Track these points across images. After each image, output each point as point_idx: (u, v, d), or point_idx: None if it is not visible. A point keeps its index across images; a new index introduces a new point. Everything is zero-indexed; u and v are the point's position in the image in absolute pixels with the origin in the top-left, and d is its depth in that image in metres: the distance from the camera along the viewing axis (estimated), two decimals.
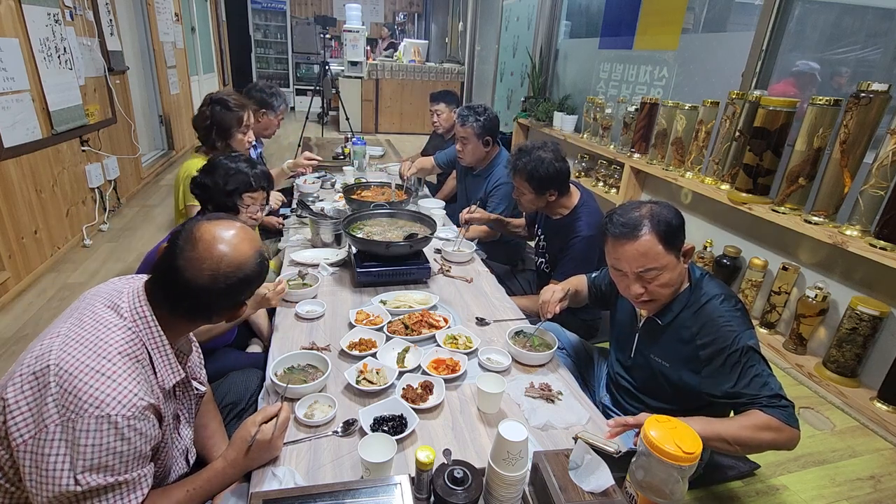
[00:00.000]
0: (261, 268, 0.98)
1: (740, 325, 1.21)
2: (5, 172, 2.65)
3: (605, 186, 3.82)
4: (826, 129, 2.19)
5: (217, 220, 0.98)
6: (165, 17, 5.51)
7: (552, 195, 1.91)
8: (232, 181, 1.54)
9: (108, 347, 0.85)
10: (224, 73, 8.59)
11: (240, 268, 0.93)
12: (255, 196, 1.60)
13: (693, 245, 1.26)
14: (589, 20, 4.66)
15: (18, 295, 2.74)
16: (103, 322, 0.89)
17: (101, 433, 0.79)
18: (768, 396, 1.14)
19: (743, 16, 3.04)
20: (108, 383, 0.82)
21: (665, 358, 1.33)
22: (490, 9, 7.12)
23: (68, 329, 0.88)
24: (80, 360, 0.82)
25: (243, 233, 0.97)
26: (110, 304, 0.92)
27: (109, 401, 0.80)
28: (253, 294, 1.03)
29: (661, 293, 1.25)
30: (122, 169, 4.13)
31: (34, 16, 2.92)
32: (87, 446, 0.79)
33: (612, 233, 1.24)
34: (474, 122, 2.50)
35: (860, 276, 2.20)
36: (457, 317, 1.66)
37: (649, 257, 1.20)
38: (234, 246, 0.93)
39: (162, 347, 0.93)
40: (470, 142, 2.55)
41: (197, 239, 0.92)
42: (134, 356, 0.88)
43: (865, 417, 2.01)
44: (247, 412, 1.39)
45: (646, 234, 1.19)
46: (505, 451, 0.91)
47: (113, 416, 0.80)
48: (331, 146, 4.09)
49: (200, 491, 0.98)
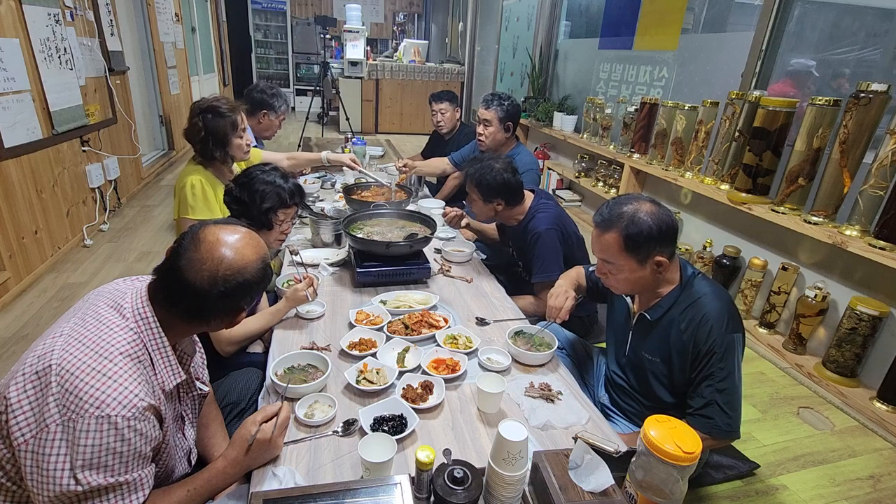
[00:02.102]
0: (262, 274, 0.98)
1: (721, 327, 1.23)
2: (6, 172, 2.65)
3: (605, 186, 3.82)
4: (825, 130, 2.19)
5: (224, 224, 0.98)
6: (166, 18, 5.51)
7: (499, 204, 1.95)
8: (269, 199, 1.56)
9: (109, 348, 0.85)
10: (224, 74, 8.60)
11: (240, 272, 0.93)
12: (288, 212, 1.62)
13: (665, 260, 1.27)
14: (589, 20, 4.66)
15: (19, 295, 2.74)
16: (106, 322, 0.89)
17: (101, 433, 0.80)
18: (701, 406, 1.25)
19: (742, 16, 3.04)
20: (109, 384, 0.82)
21: (654, 354, 1.36)
22: (490, 9, 7.12)
23: (71, 328, 0.88)
24: (81, 360, 0.83)
25: (248, 238, 0.97)
26: (113, 305, 0.92)
27: (110, 401, 0.81)
28: (252, 300, 1.02)
29: (617, 286, 1.37)
30: (122, 169, 4.14)
31: (34, 16, 2.92)
32: (88, 446, 0.79)
33: (594, 218, 1.35)
34: (498, 107, 2.58)
35: (860, 276, 2.20)
36: (457, 317, 1.66)
37: (608, 253, 1.30)
38: (236, 250, 0.94)
39: (163, 349, 0.93)
40: (492, 124, 2.62)
41: (200, 240, 0.92)
42: (135, 357, 0.88)
43: (865, 417, 2.02)
44: (247, 412, 1.39)
45: (613, 233, 1.27)
46: (505, 450, 0.91)
47: (113, 417, 0.80)
48: (331, 146, 4.10)
49: (201, 490, 0.98)
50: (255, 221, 1.56)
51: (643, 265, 1.28)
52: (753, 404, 2.10)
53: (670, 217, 1.27)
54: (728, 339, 1.23)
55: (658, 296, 1.35)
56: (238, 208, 1.59)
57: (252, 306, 1.05)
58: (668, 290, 1.33)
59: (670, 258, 1.29)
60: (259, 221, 1.57)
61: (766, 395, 2.16)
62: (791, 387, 2.22)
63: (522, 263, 2.08)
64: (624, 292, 1.43)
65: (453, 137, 3.34)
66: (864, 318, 2.03)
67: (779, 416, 2.04)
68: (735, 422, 1.24)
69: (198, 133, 1.92)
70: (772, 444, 1.88)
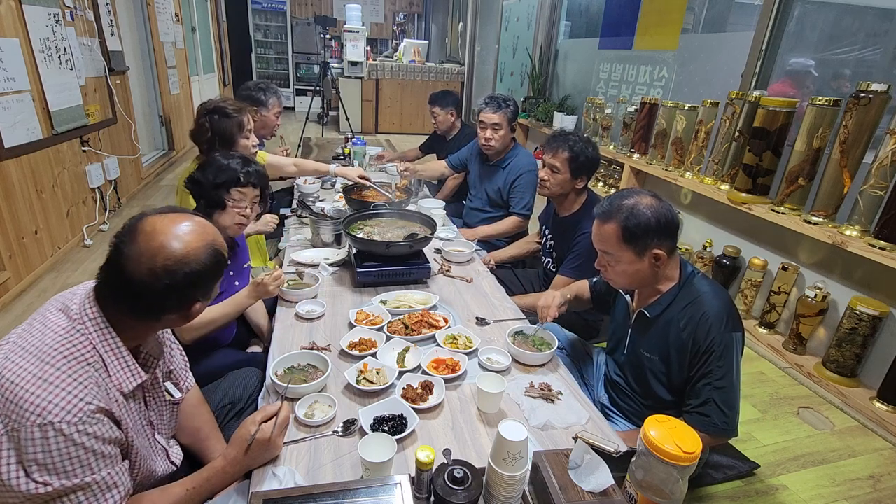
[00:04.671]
0: (212, 261, 0.91)
1: (720, 325, 1.23)
2: (6, 172, 2.65)
3: (605, 186, 3.83)
4: (825, 130, 2.19)
5: (166, 212, 0.91)
6: (166, 18, 5.51)
7: (581, 182, 1.98)
8: (221, 175, 1.54)
9: (51, 352, 0.82)
10: (224, 74, 8.60)
11: (182, 262, 0.86)
12: (243, 191, 1.57)
13: (664, 254, 1.27)
14: (589, 20, 4.67)
15: (19, 295, 2.74)
16: (50, 326, 0.85)
17: (48, 441, 0.77)
18: (699, 404, 1.26)
19: (742, 16, 3.04)
20: (51, 389, 0.78)
21: (653, 352, 1.36)
22: (490, 9, 7.12)
23: (18, 336, 0.86)
24: (21, 367, 0.80)
25: (191, 225, 0.90)
26: (62, 307, 0.88)
27: (52, 408, 0.77)
28: (208, 290, 0.95)
29: (615, 279, 1.37)
30: (122, 169, 4.13)
31: (34, 16, 2.92)
32: (37, 454, 0.77)
33: (595, 210, 1.37)
34: (507, 108, 2.60)
35: (860, 276, 2.20)
36: (457, 317, 1.66)
37: (607, 244, 1.32)
38: (176, 237, 0.86)
39: (115, 350, 0.89)
40: (503, 127, 2.63)
41: (138, 232, 0.86)
42: (82, 359, 0.84)
43: (865, 417, 2.02)
44: (246, 411, 1.39)
45: (612, 223, 1.29)
46: (505, 450, 0.91)
47: (56, 424, 0.77)
48: (331, 146, 4.09)
49: (200, 490, 0.97)
50: (209, 202, 1.54)
51: (641, 257, 1.28)
52: (753, 404, 2.10)
53: (670, 211, 1.28)
54: (727, 338, 1.23)
55: (657, 293, 1.35)
56: (194, 188, 1.56)
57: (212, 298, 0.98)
58: (667, 288, 1.34)
59: (669, 253, 1.29)
60: (212, 200, 1.54)
61: (766, 395, 2.16)
62: (791, 387, 2.22)
63: (556, 254, 2.12)
64: (622, 286, 1.43)
65: (454, 137, 3.34)
66: (864, 318, 2.03)
67: (779, 416, 2.04)
68: (732, 420, 1.24)
69: (204, 133, 1.95)
70: (772, 444, 1.88)
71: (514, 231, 2.62)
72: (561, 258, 2.08)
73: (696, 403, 1.26)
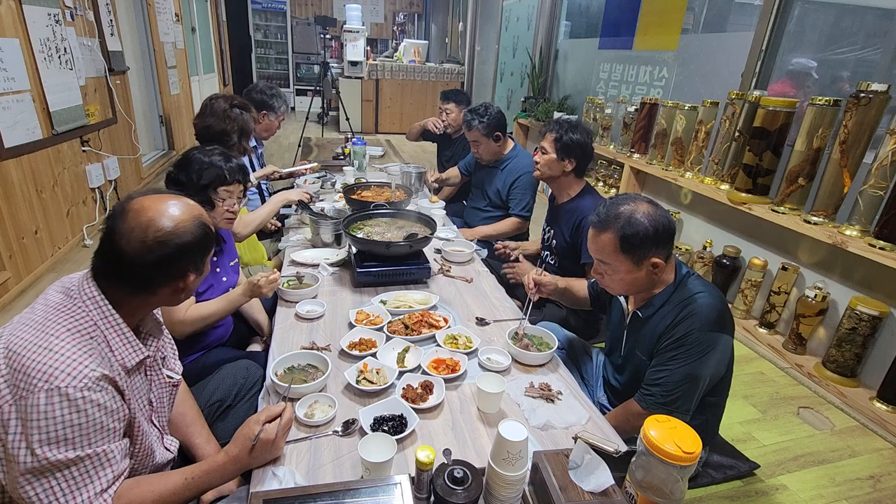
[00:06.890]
0: (200, 233, 0.95)
1: (705, 323, 1.22)
2: (6, 172, 2.65)
3: (605, 186, 3.83)
4: (825, 130, 2.19)
5: (153, 192, 0.96)
6: (166, 18, 5.51)
7: (569, 164, 2.01)
8: (206, 175, 1.53)
9: (55, 325, 0.85)
10: (224, 74, 8.60)
11: (172, 234, 0.91)
12: (230, 189, 1.58)
13: (661, 262, 1.27)
14: (589, 20, 4.67)
15: (19, 295, 2.74)
16: (52, 305, 0.89)
17: (54, 406, 0.79)
18: (647, 385, 1.30)
19: (742, 16, 3.04)
20: (57, 357, 0.81)
21: (644, 352, 1.36)
22: (490, 9, 7.12)
23: (20, 316, 0.89)
24: (27, 339, 0.83)
25: (177, 202, 0.96)
26: (62, 290, 0.93)
27: (58, 374, 0.80)
28: (199, 263, 0.99)
29: (612, 287, 1.37)
30: (122, 169, 4.13)
31: (34, 16, 2.92)
32: (41, 420, 0.78)
33: (591, 219, 1.36)
34: (479, 124, 2.58)
35: (860, 276, 2.20)
36: (457, 317, 1.66)
37: (604, 253, 1.30)
38: (163, 213, 0.91)
39: (116, 326, 0.92)
40: (481, 142, 2.64)
41: (128, 210, 0.91)
42: (85, 333, 0.87)
43: (865, 417, 2.02)
44: (233, 408, 1.39)
45: (609, 233, 1.27)
46: (505, 450, 0.91)
47: (63, 388, 0.79)
48: (331, 146, 4.09)
49: (198, 481, 0.98)
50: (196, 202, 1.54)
51: (639, 266, 1.28)
52: (753, 404, 2.10)
53: (667, 218, 1.27)
54: (706, 337, 1.22)
55: (652, 294, 1.35)
56: (176, 189, 1.55)
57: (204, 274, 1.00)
58: (661, 289, 1.33)
59: (666, 260, 1.29)
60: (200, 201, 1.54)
61: (766, 395, 2.16)
62: (791, 387, 2.22)
63: (556, 244, 2.13)
64: (619, 293, 1.43)
65: (460, 137, 3.34)
66: (864, 318, 2.03)
67: (779, 416, 2.04)
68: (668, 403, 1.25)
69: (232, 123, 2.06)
70: (772, 444, 1.88)
71: (513, 232, 2.62)
72: (561, 251, 2.10)
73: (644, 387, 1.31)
